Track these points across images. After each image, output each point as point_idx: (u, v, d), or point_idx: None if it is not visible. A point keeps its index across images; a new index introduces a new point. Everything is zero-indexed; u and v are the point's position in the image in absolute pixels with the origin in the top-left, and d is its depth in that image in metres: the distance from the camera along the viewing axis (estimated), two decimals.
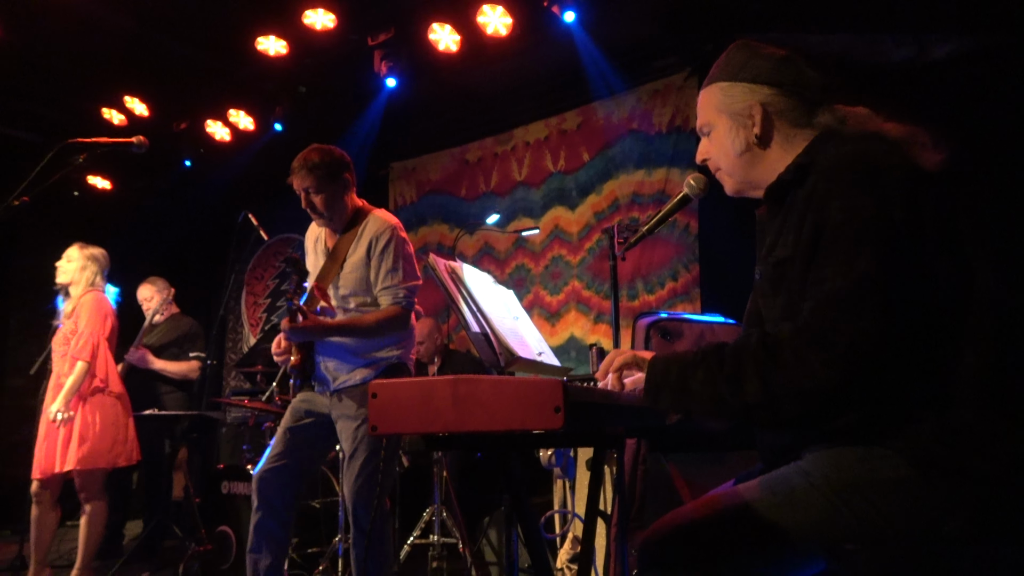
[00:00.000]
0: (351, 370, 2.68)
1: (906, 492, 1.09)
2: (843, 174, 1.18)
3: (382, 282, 2.66)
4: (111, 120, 5.53)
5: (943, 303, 1.13)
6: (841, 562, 1.10)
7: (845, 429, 1.16)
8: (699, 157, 1.48)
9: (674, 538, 1.21)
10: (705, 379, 1.16)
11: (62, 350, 3.61)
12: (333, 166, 2.68)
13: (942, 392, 1.11)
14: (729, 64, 1.40)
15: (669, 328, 2.32)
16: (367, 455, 2.60)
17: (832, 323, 1.09)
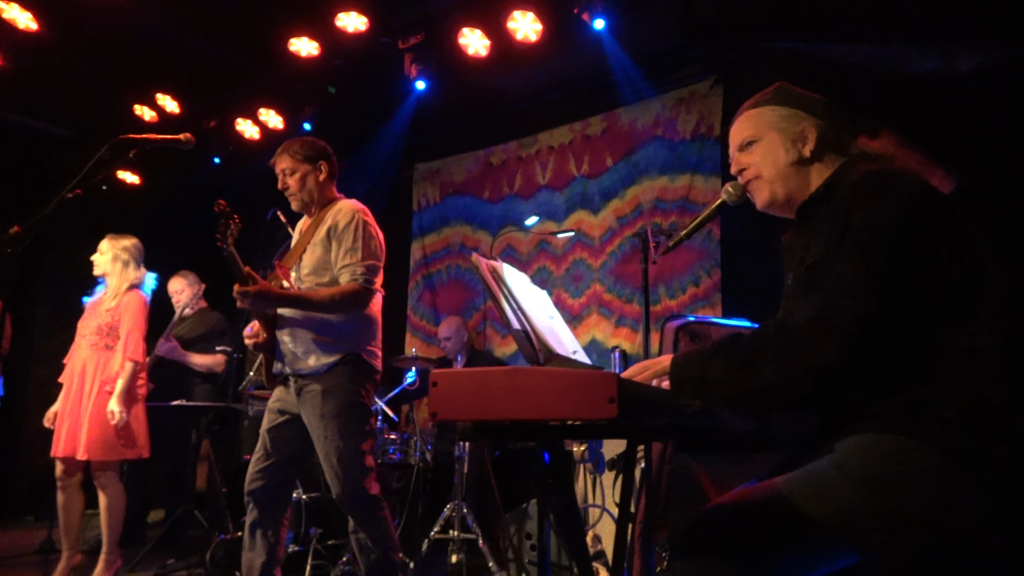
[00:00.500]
0: (306, 353, 2.68)
1: (934, 483, 1.15)
2: (867, 187, 1.31)
3: (342, 260, 2.70)
4: (142, 117, 5.63)
5: (957, 296, 1.24)
6: (871, 552, 1.16)
7: (873, 420, 1.23)
8: (735, 168, 1.60)
9: (710, 528, 1.27)
10: (724, 367, 1.26)
11: (93, 339, 3.70)
12: (310, 150, 2.84)
13: (961, 378, 1.20)
14: (779, 95, 1.56)
15: (697, 331, 2.37)
16: (340, 452, 2.60)
17: (839, 306, 1.21)
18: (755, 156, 1.53)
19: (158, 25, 4.63)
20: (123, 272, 3.81)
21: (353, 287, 2.66)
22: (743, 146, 1.57)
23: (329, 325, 2.70)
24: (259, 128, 5.39)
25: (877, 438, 1.22)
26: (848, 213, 1.28)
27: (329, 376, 2.67)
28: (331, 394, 2.64)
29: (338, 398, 2.64)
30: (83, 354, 3.69)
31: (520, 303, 1.78)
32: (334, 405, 2.63)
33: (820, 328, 1.20)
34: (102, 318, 3.72)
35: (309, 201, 2.85)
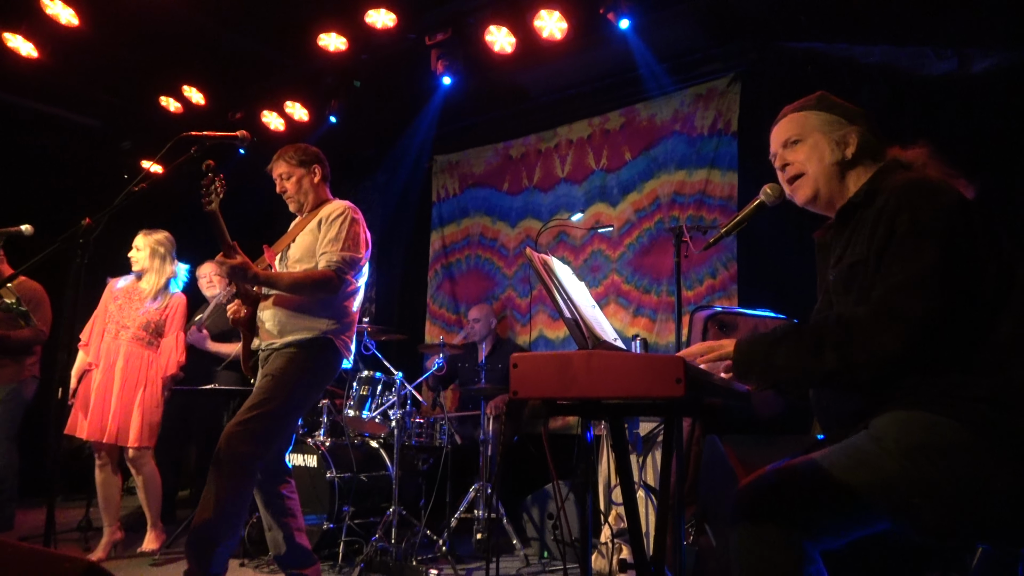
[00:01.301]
0: (281, 332, 2.80)
1: (965, 453, 1.30)
2: (910, 193, 1.45)
3: (322, 247, 2.85)
4: (168, 108, 5.75)
5: (991, 290, 1.39)
6: (907, 515, 1.31)
7: (908, 400, 1.38)
8: (779, 162, 1.74)
9: (759, 495, 1.42)
10: (788, 353, 1.42)
11: (139, 334, 3.86)
12: (304, 155, 3.03)
13: (990, 362, 1.35)
14: (821, 102, 1.70)
15: (726, 321, 2.52)
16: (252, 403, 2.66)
17: (901, 302, 1.36)
18: (800, 154, 1.67)
19: (187, 18, 4.73)
20: (161, 267, 3.98)
21: (326, 273, 2.79)
22: (788, 143, 1.70)
23: (306, 309, 2.81)
24: (284, 121, 5.51)
25: (911, 415, 1.37)
26: (893, 217, 1.42)
27: (289, 349, 2.76)
28: (281, 358, 2.74)
29: (284, 365, 2.72)
30: (124, 347, 3.84)
31: (569, 294, 1.92)
32: (277, 368, 2.71)
33: (881, 322, 1.35)
34: (149, 315, 3.89)
35: (304, 202, 3.03)
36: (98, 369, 3.82)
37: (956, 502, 1.30)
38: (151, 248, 3.97)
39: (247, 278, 2.72)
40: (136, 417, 3.77)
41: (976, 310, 1.38)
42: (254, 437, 2.61)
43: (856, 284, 1.48)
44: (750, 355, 1.45)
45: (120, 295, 3.95)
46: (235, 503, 2.62)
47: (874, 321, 1.36)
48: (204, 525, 2.57)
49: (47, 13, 4.40)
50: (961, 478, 1.30)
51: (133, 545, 3.90)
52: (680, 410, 1.41)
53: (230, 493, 2.59)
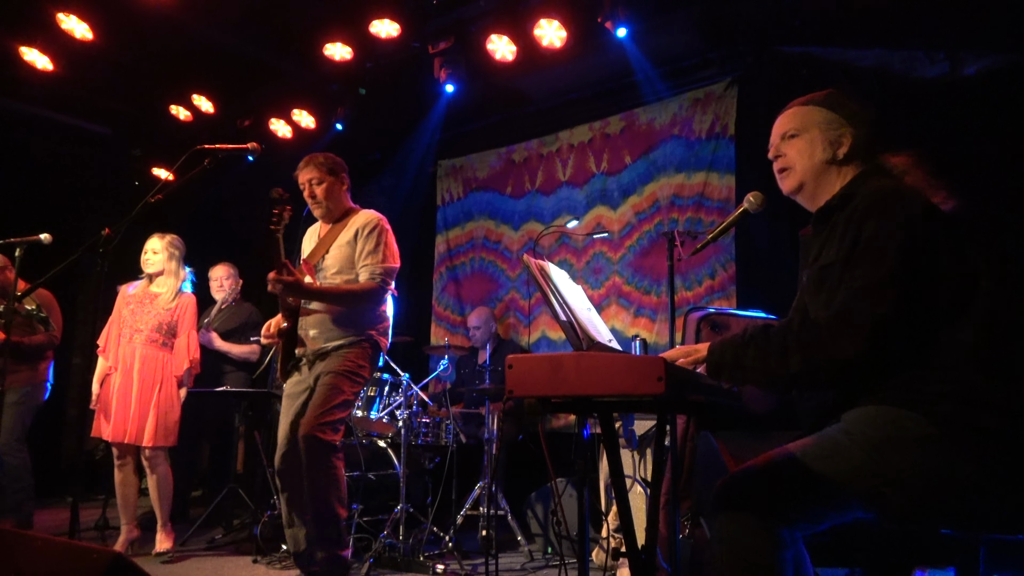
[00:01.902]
0: (327, 338, 3.06)
1: (929, 446, 1.40)
2: (878, 201, 1.54)
3: (362, 260, 3.07)
4: (177, 116, 5.88)
5: (952, 296, 1.48)
6: (875, 502, 1.41)
7: (876, 395, 1.48)
8: (773, 152, 1.83)
9: (739, 485, 1.52)
10: (756, 355, 1.52)
11: (152, 336, 3.98)
12: (334, 164, 3.19)
13: (952, 363, 1.44)
14: (828, 99, 1.76)
15: (718, 321, 2.61)
16: (323, 399, 2.95)
17: (858, 309, 1.44)
18: (793, 148, 1.75)
19: (198, 28, 4.85)
20: (177, 269, 4.12)
21: (371, 285, 3.05)
22: (786, 135, 1.78)
23: (348, 317, 3.07)
24: (292, 128, 5.63)
25: (879, 409, 1.47)
26: (860, 223, 1.51)
27: (341, 349, 3.05)
28: (340, 358, 3.02)
29: (343, 361, 3.01)
30: (139, 350, 3.95)
31: (565, 297, 2.02)
32: (338, 364, 3.02)
33: (840, 325, 1.43)
34: (161, 316, 4.00)
35: (333, 209, 3.20)
36: (117, 373, 3.94)
37: (920, 491, 1.39)
38: (168, 252, 4.10)
39: (300, 294, 2.96)
40: (152, 417, 3.89)
41: (936, 315, 1.46)
42: (333, 426, 2.94)
43: (826, 286, 1.57)
44: (721, 356, 1.54)
45: (132, 300, 4.06)
46: (338, 483, 2.96)
47: (834, 326, 1.44)
48: (324, 513, 2.90)
49: (62, 28, 4.53)
50: (925, 468, 1.39)
51: (149, 543, 4.02)
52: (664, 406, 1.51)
53: (330, 475, 2.92)
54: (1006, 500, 1.36)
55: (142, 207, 2.54)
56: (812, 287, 1.64)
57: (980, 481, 1.38)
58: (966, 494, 1.39)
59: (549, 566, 3.85)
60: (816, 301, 1.61)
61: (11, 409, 4.12)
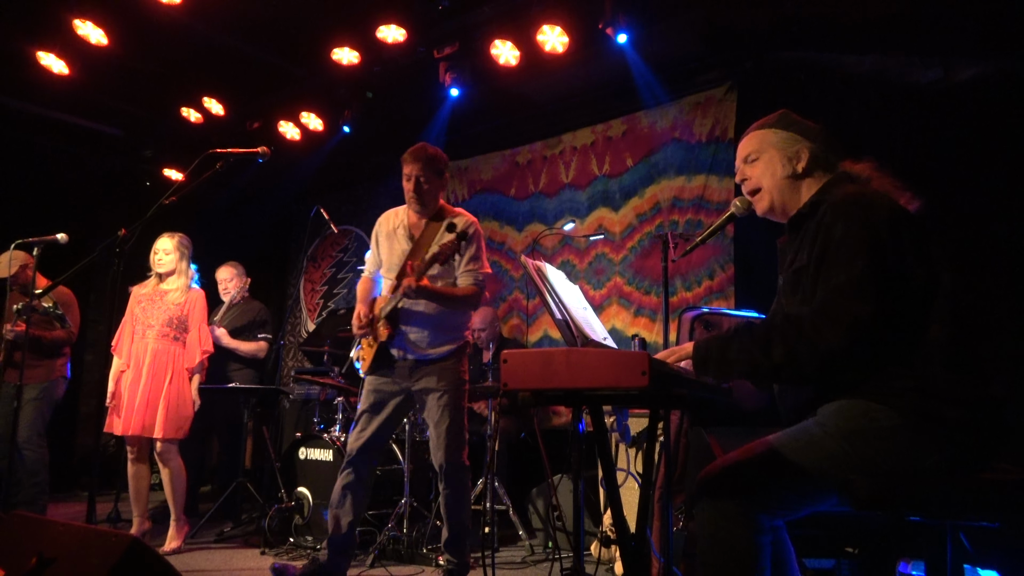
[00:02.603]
0: (432, 343, 3.16)
1: (896, 436, 1.49)
2: (845, 206, 1.63)
3: (465, 266, 3.16)
4: (188, 118, 6.00)
5: (918, 295, 1.56)
6: (847, 489, 1.49)
7: (849, 389, 1.57)
8: (738, 178, 1.93)
9: (719, 475, 1.61)
10: (740, 348, 1.60)
11: (164, 330, 4.09)
12: (440, 163, 3.21)
13: (918, 358, 1.53)
14: (780, 120, 1.87)
15: (711, 321, 2.70)
16: (449, 422, 3.11)
17: (839, 305, 1.52)
18: (756, 169, 1.86)
19: (209, 33, 4.97)
20: (186, 268, 4.23)
21: (475, 290, 3.16)
22: (747, 159, 1.89)
23: (447, 318, 3.16)
24: (300, 130, 5.73)
25: (851, 403, 1.56)
26: (829, 228, 1.60)
27: (447, 361, 3.17)
28: (447, 372, 3.15)
29: (452, 377, 3.16)
30: (151, 344, 4.06)
31: (561, 297, 2.12)
32: (449, 383, 3.15)
33: (823, 319, 1.51)
34: (171, 311, 4.11)
35: (430, 207, 3.23)
36: (129, 370, 4.05)
37: (886, 478, 1.48)
38: (179, 252, 4.21)
39: (426, 296, 3.03)
40: (163, 409, 3.98)
41: (906, 312, 1.54)
42: (461, 445, 3.16)
43: (800, 288, 1.66)
44: (707, 351, 1.63)
45: (143, 299, 4.17)
46: (469, 501, 3.24)
47: (817, 320, 1.52)
48: (457, 526, 3.19)
49: (78, 33, 4.65)
50: (891, 457, 1.48)
51: (160, 536, 4.12)
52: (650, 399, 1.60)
53: (465, 495, 3.20)
54: (969, 489, 1.44)
55: (156, 209, 2.64)
56: (788, 289, 1.73)
57: (943, 469, 1.46)
58: (930, 481, 1.48)
59: (549, 559, 3.94)
60: (792, 302, 1.70)
61: (30, 404, 4.24)
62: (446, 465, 3.12)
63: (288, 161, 6.20)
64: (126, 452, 4.11)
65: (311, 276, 7.20)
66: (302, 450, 4.30)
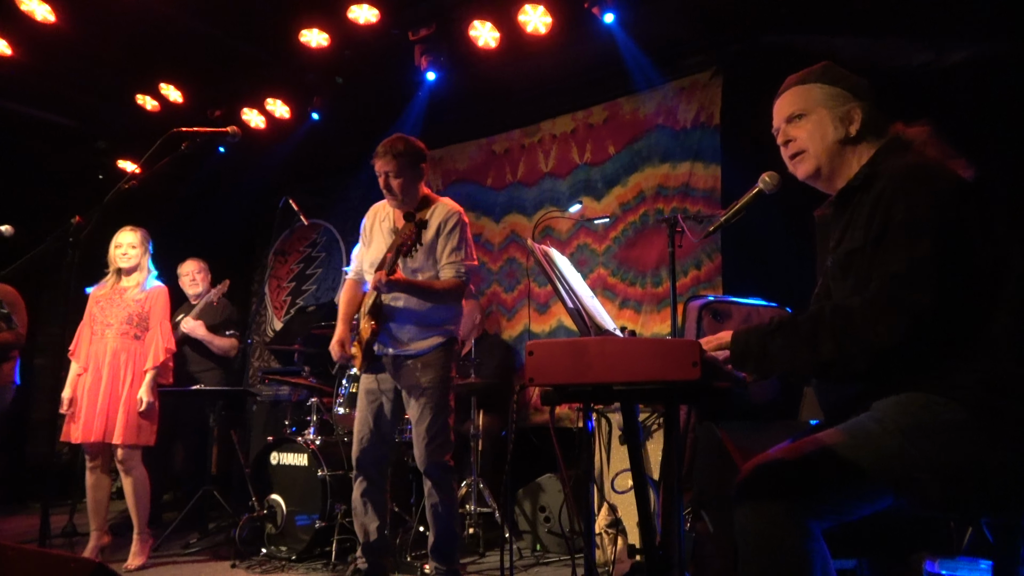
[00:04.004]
0: (415, 338, 3.02)
1: (962, 432, 1.34)
2: (907, 181, 1.46)
3: (447, 257, 3.02)
4: (144, 106, 5.67)
5: (985, 280, 1.40)
6: (910, 489, 1.35)
7: (907, 382, 1.41)
8: (782, 138, 1.73)
9: (764, 475, 1.44)
10: (784, 344, 1.43)
11: (123, 328, 3.81)
12: (414, 155, 3.03)
13: (986, 349, 1.38)
14: (827, 73, 1.68)
15: (719, 310, 2.56)
16: (431, 420, 2.96)
17: (896, 295, 1.37)
18: (803, 131, 1.66)
19: (165, 13, 4.65)
20: (147, 265, 3.97)
21: (458, 283, 3.01)
22: (791, 118, 1.68)
23: (433, 313, 3.02)
24: (266, 118, 5.46)
25: (910, 396, 1.41)
26: (889, 205, 1.44)
27: (430, 355, 3.02)
28: (430, 368, 2.99)
29: (436, 373, 3.00)
30: (110, 344, 3.79)
31: (571, 284, 1.94)
32: (432, 379, 2.99)
33: (876, 312, 1.36)
34: (131, 308, 3.84)
35: (409, 202, 3.07)
36: (87, 373, 3.77)
37: (956, 477, 1.34)
38: (144, 246, 3.98)
39: (401, 289, 2.91)
40: (123, 413, 3.70)
41: (971, 301, 1.39)
42: (447, 443, 3.02)
43: (852, 271, 1.50)
44: (747, 345, 1.46)
45: (101, 298, 3.91)
46: (456, 504, 3.11)
47: (871, 311, 1.37)
48: (444, 531, 3.04)
49: (22, 9, 4.31)
50: (959, 454, 1.34)
51: (120, 550, 3.84)
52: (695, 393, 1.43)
53: (452, 496, 3.06)
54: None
55: (115, 195, 2.39)
56: (838, 272, 1.57)
57: (1013, 467, 1.32)
58: (1001, 480, 1.34)
59: (539, 563, 3.77)
60: (842, 287, 1.54)
61: None
62: (429, 466, 3.00)
63: (253, 151, 5.90)
64: (83, 461, 3.82)
65: (277, 272, 6.90)
66: (274, 455, 4.06)
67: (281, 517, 3.91)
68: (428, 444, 2.97)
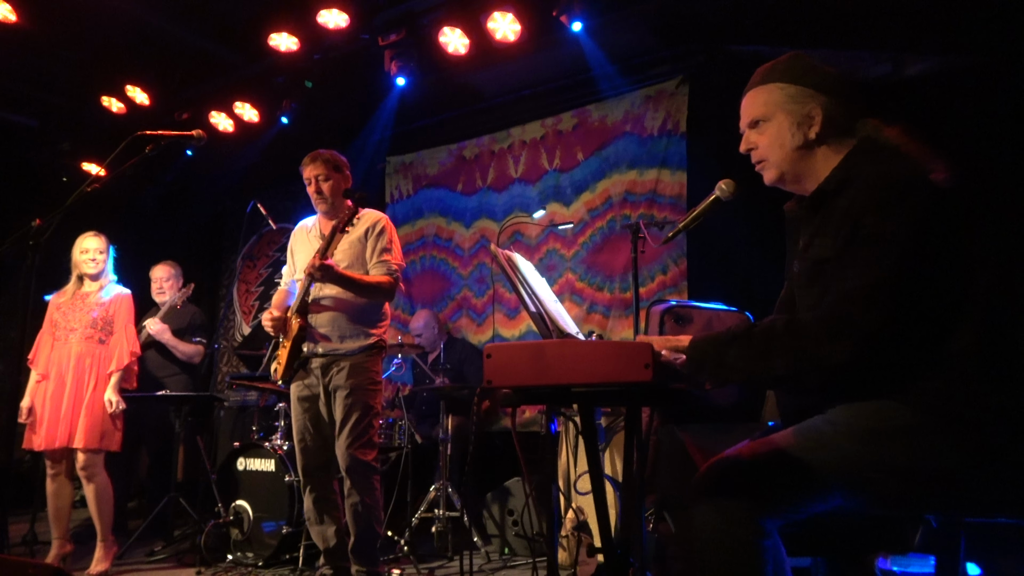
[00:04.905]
0: (343, 337, 3.08)
1: (911, 435, 1.38)
2: (878, 192, 1.42)
3: (377, 256, 3.13)
4: (110, 108, 5.60)
5: (948, 298, 1.40)
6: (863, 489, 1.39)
7: (862, 389, 1.45)
8: (744, 146, 1.69)
9: (720, 474, 1.48)
10: (738, 355, 1.45)
11: (87, 332, 3.77)
12: (339, 161, 3.21)
13: (945, 365, 1.39)
14: (790, 69, 1.61)
15: (681, 314, 2.61)
16: (354, 421, 3.02)
17: (848, 315, 1.37)
18: (764, 137, 1.62)
19: (131, 13, 4.61)
20: (109, 269, 3.94)
21: (389, 280, 3.10)
22: (752, 123, 1.64)
23: (362, 313, 3.09)
24: (234, 121, 5.41)
25: (865, 403, 1.44)
26: (860, 215, 1.41)
27: (359, 356, 3.07)
28: (358, 369, 3.04)
29: (364, 375, 3.05)
30: (74, 348, 3.74)
31: (533, 288, 1.97)
32: (359, 381, 3.03)
33: (826, 331, 1.37)
34: (95, 312, 3.79)
35: (337, 206, 3.18)
36: (49, 380, 3.72)
37: (903, 477, 1.38)
38: (107, 254, 3.96)
39: (335, 279, 2.97)
40: (84, 417, 3.66)
41: (930, 319, 1.39)
42: (369, 443, 3.05)
43: (820, 281, 1.50)
44: (704, 353, 1.47)
45: (63, 304, 3.86)
46: (379, 503, 3.09)
47: (821, 330, 1.38)
48: (365, 532, 3.03)
49: None
50: (907, 456, 1.38)
51: (83, 558, 3.78)
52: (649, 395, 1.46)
53: (373, 496, 3.05)
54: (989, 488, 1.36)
55: (78, 197, 2.37)
56: (805, 281, 1.57)
57: (964, 469, 1.36)
58: (945, 481, 1.38)
59: (507, 567, 3.79)
60: (807, 295, 1.55)
61: None
62: (349, 465, 3.01)
63: (221, 155, 5.85)
64: (44, 468, 3.75)
65: (246, 277, 6.84)
66: (240, 460, 4.03)
67: (247, 523, 3.88)
68: (350, 444, 2.99)
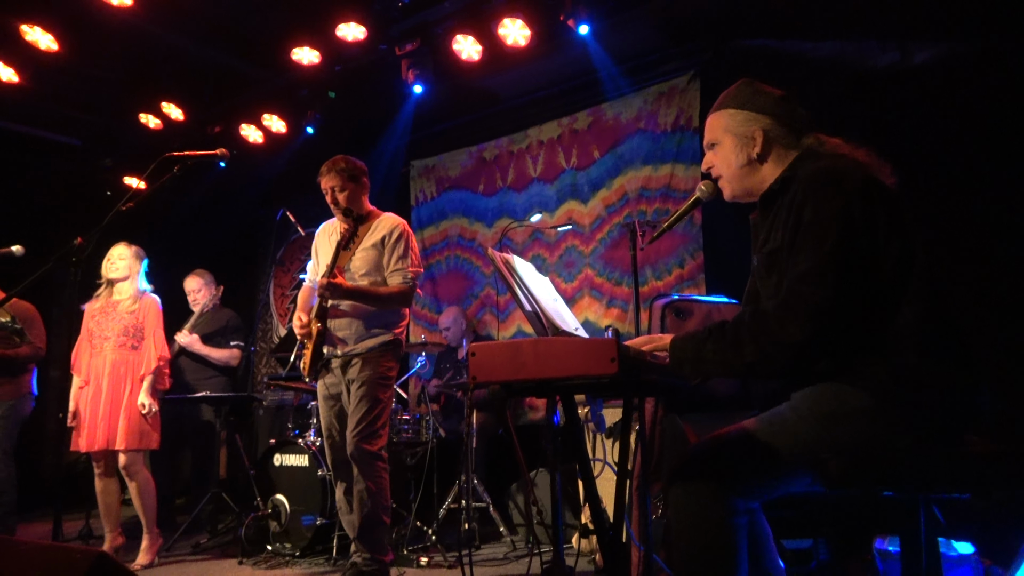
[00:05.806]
0: (359, 339, 3.23)
1: (867, 417, 1.49)
2: (815, 184, 1.58)
3: (394, 265, 3.26)
4: (147, 124, 5.88)
5: (890, 276, 1.52)
6: (821, 468, 1.50)
7: (821, 375, 1.56)
8: (704, 166, 1.88)
9: (692, 459, 1.60)
10: (714, 349, 1.56)
11: (120, 340, 4.00)
12: (355, 170, 3.32)
13: (892, 341, 1.51)
14: (738, 96, 1.79)
15: (681, 307, 2.70)
16: (364, 412, 3.15)
17: (801, 294, 1.49)
18: (717, 158, 1.81)
19: (165, 36, 4.86)
20: (139, 276, 4.14)
21: (404, 288, 3.24)
22: (709, 146, 1.84)
23: (379, 316, 3.23)
24: (263, 133, 5.65)
25: (823, 387, 1.55)
26: (800, 208, 1.55)
27: (374, 352, 3.22)
28: (371, 363, 3.19)
29: (376, 368, 3.19)
30: (109, 356, 3.98)
31: (530, 288, 2.10)
32: (371, 374, 3.18)
33: (786, 313, 1.48)
34: (126, 320, 4.02)
35: (355, 213, 3.31)
36: (89, 386, 3.97)
37: (861, 457, 1.49)
38: (132, 260, 4.14)
39: (345, 295, 3.13)
40: (123, 419, 3.90)
41: (876, 294, 1.50)
42: (378, 433, 3.17)
43: (776, 270, 1.63)
44: (683, 352, 1.59)
45: (96, 312, 4.08)
46: (384, 490, 3.20)
47: (781, 313, 1.49)
48: (369, 517, 3.15)
49: (26, 39, 4.52)
50: (864, 437, 1.48)
51: (133, 551, 4.03)
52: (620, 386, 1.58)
53: (379, 483, 3.16)
54: (938, 462, 1.45)
55: (113, 216, 2.57)
56: (763, 272, 1.70)
57: (914, 448, 1.47)
58: (902, 459, 1.48)
59: (532, 555, 3.92)
60: (767, 285, 1.67)
61: None
62: (354, 452, 3.13)
63: (251, 165, 6.10)
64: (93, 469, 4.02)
65: (280, 281, 7.10)
66: (277, 456, 4.24)
67: (285, 516, 4.08)
68: (357, 434, 3.13)
